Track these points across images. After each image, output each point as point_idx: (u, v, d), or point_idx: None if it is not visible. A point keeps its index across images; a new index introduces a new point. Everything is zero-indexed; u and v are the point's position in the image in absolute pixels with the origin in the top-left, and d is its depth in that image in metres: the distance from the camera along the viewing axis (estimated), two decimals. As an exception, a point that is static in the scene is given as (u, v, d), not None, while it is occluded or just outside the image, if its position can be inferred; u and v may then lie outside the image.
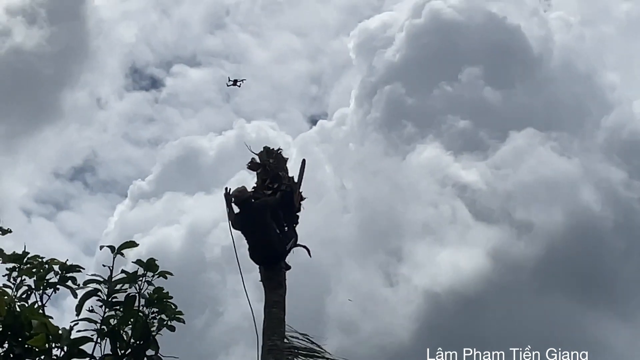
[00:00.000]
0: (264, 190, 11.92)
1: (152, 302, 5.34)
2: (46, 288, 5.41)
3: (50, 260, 5.42)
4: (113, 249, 5.34)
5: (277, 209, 11.67)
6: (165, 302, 5.37)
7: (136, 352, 5.33)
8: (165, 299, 5.37)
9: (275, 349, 10.31)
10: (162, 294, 5.36)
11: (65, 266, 5.42)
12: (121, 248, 5.34)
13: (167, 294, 5.38)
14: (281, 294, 10.98)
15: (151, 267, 5.31)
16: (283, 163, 12.34)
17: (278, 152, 12.43)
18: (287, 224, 11.80)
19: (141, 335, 5.30)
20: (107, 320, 5.28)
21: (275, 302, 10.84)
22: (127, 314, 5.26)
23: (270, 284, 11.04)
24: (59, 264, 5.42)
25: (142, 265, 5.33)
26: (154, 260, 5.34)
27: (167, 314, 5.39)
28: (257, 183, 12.13)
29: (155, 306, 5.36)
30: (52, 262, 5.41)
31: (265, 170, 12.17)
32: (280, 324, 10.63)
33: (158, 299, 5.34)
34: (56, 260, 5.42)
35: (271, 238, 11.28)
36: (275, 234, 11.37)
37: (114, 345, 5.31)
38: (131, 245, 5.36)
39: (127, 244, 5.35)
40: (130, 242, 5.36)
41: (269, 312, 10.73)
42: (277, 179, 12.03)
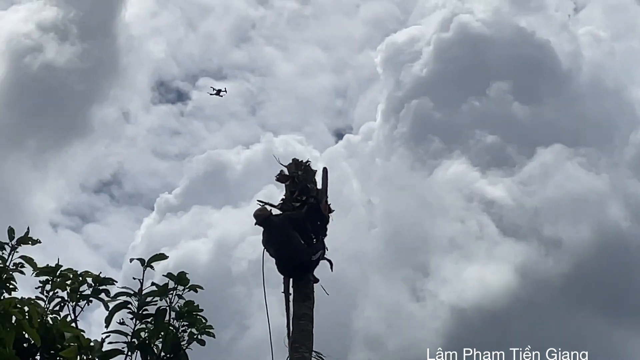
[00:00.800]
0: (292, 202, 11.94)
1: (183, 316, 5.36)
2: (79, 300, 5.45)
3: (84, 273, 5.46)
4: (143, 261, 5.38)
5: (304, 222, 11.67)
6: (196, 315, 5.39)
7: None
8: (195, 312, 5.39)
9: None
10: (192, 307, 5.38)
11: (99, 279, 5.46)
12: (151, 261, 5.38)
13: (197, 307, 5.40)
14: (309, 307, 10.98)
15: (182, 281, 5.34)
16: (311, 175, 12.35)
17: (306, 164, 12.45)
18: (315, 236, 11.80)
19: (171, 349, 5.33)
20: (138, 333, 5.31)
21: (304, 314, 10.84)
22: (157, 327, 5.30)
23: (299, 296, 11.05)
24: (92, 276, 5.46)
25: (173, 278, 5.36)
26: (185, 274, 5.36)
27: (197, 328, 5.40)
28: (286, 195, 12.15)
29: (186, 319, 5.38)
30: (86, 275, 5.45)
31: (294, 182, 12.19)
32: (308, 336, 10.62)
33: (188, 312, 5.37)
34: (90, 273, 5.47)
35: (295, 249, 11.30)
36: (300, 245, 11.39)
37: (145, 358, 5.34)
38: (161, 257, 5.40)
39: (156, 256, 5.39)
40: (160, 254, 5.40)
41: (297, 324, 10.73)
42: (306, 191, 12.04)
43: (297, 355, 10.37)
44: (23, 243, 5.53)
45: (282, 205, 12.03)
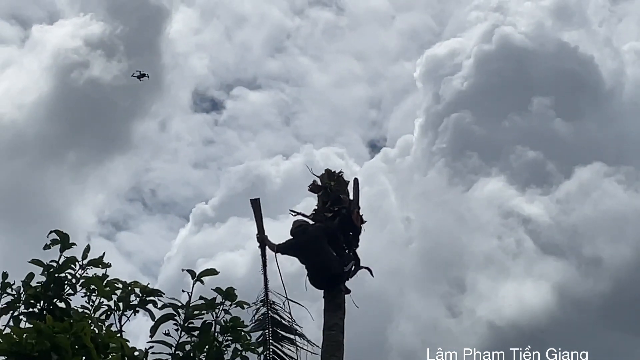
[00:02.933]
0: (325, 212, 11.98)
1: (228, 330, 5.41)
2: (126, 310, 5.53)
3: (133, 283, 5.52)
4: (194, 274, 5.43)
5: (336, 233, 11.72)
6: (240, 331, 5.46)
7: (209, 379, 5.43)
8: (240, 327, 5.45)
9: (333, 373, 10.35)
10: (237, 323, 5.43)
11: (147, 289, 5.52)
12: (202, 275, 5.42)
13: (242, 322, 5.45)
14: (340, 317, 10.99)
15: (230, 297, 5.40)
16: (344, 186, 12.38)
17: (339, 174, 12.49)
18: (347, 247, 11.85)
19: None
20: (182, 346, 5.35)
21: (334, 324, 10.86)
22: (203, 340, 5.34)
23: (330, 306, 11.09)
24: (140, 287, 5.52)
25: (221, 293, 5.42)
26: (233, 290, 5.42)
27: (241, 344, 5.47)
28: (318, 205, 12.19)
29: (230, 334, 5.44)
30: (135, 285, 5.52)
31: (327, 192, 12.22)
32: (339, 347, 10.64)
33: (233, 327, 5.42)
34: (138, 283, 5.52)
35: (328, 261, 11.34)
36: (332, 257, 11.42)
37: (188, 370, 5.42)
38: (212, 273, 5.45)
39: (207, 271, 5.43)
40: (211, 269, 5.44)
41: (328, 335, 10.75)
42: (338, 201, 12.08)
43: (328, 366, 10.42)
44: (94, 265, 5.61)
45: (315, 215, 12.06)
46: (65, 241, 5.54)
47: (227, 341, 5.45)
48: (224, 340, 5.44)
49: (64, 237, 5.53)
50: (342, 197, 12.14)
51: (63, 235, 5.54)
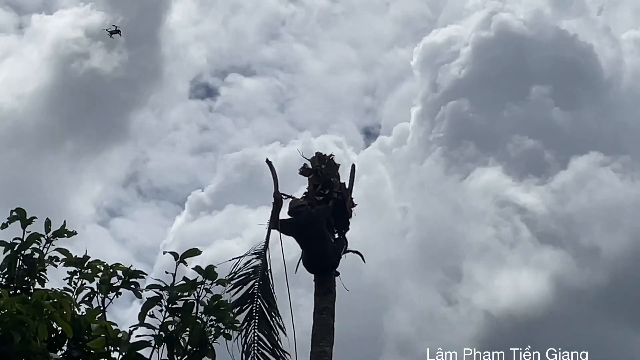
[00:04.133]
0: (315, 196, 11.97)
1: (211, 310, 5.39)
2: (108, 292, 5.48)
3: (115, 265, 5.49)
4: (176, 256, 5.39)
5: (329, 217, 11.71)
6: (224, 310, 5.41)
7: (193, 359, 5.39)
8: (223, 307, 5.41)
9: (324, 355, 10.33)
10: (220, 302, 5.39)
11: (129, 271, 5.48)
12: (184, 256, 5.39)
13: (225, 302, 5.41)
14: (330, 300, 11.00)
15: (210, 275, 5.35)
16: (335, 169, 12.38)
17: (330, 158, 12.48)
18: (338, 230, 11.83)
19: (198, 342, 5.33)
20: (166, 326, 5.32)
21: (325, 308, 10.87)
22: (185, 320, 5.31)
23: (320, 290, 11.07)
24: (122, 269, 5.48)
25: (202, 272, 5.37)
26: (213, 268, 5.38)
27: (224, 322, 5.42)
28: (309, 188, 12.18)
29: (213, 314, 5.40)
30: (117, 267, 5.48)
31: (317, 176, 12.22)
32: (329, 330, 10.65)
33: (216, 306, 5.39)
34: (120, 265, 5.49)
35: (327, 249, 11.32)
36: (330, 245, 11.40)
37: (171, 351, 5.36)
38: (194, 253, 5.40)
39: (190, 251, 5.39)
40: (194, 249, 5.40)
41: (318, 318, 10.76)
42: (329, 184, 12.07)
43: (319, 349, 10.39)
44: (59, 236, 5.57)
45: (305, 198, 12.05)
46: (24, 217, 5.47)
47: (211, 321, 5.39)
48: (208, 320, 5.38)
49: (21, 213, 5.46)
50: (333, 180, 12.11)
51: (21, 211, 5.47)
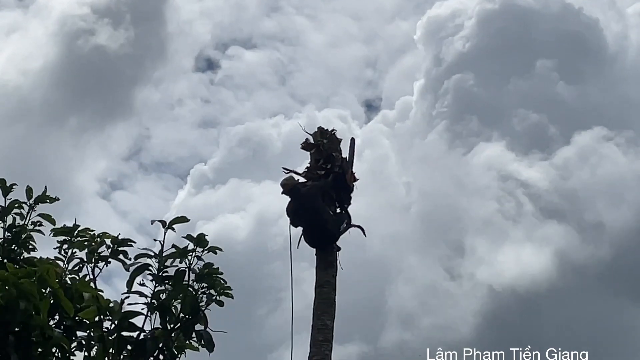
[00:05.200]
0: (317, 170, 11.91)
1: (202, 277, 5.34)
2: (98, 261, 5.44)
3: (102, 234, 5.45)
4: (164, 223, 5.36)
5: (330, 191, 11.65)
6: (215, 277, 5.37)
7: (185, 327, 5.37)
8: (214, 274, 5.36)
9: (325, 329, 10.31)
10: (211, 269, 5.35)
11: (117, 240, 5.45)
12: (172, 223, 5.35)
13: (217, 269, 5.37)
14: (332, 274, 10.97)
15: (201, 242, 5.32)
16: (337, 144, 12.29)
17: (332, 132, 12.39)
18: (339, 205, 11.78)
19: (190, 310, 5.32)
20: (157, 295, 5.31)
21: (326, 281, 10.84)
22: (177, 288, 5.29)
23: (322, 264, 11.04)
24: (110, 237, 5.45)
25: (192, 240, 5.34)
26: (204, 236, 5.35)
27: (215, 289, 5.38)
28: (311, 163, 12.12)
29: (205, 281, 5.36)
30: (104, 236, 5.45)
31: (319, 150, 12.14)
32: (331, 304, 10.62)
33: (208, 274, 5.34)
34: (108, 234, 5.46)
35: (324, 221, 11.28)
36: (328, 216, 11.37)
37: (164, 319, 5.35)
38: (182, 220, 5.37)
39: (178, 219, 5.37)
40: (182, 217, 5.37)
41: (320, 292, 10.73)
42: (331, 159, 12.00)
43: (320, 322, 10.37)
44: (41, 202, 5.54)
45: (307, 173, 12.00)
46: (4, 185, 5.43)
47: (203, 288, 5.36)
48: (200, 288, 5.34)
49: (1, 182, 5.41)
50: (335, 155, 12.04)
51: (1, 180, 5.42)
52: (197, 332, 5.40)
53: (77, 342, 5.37)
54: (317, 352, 10.08)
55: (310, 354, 10.16)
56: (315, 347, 10.13)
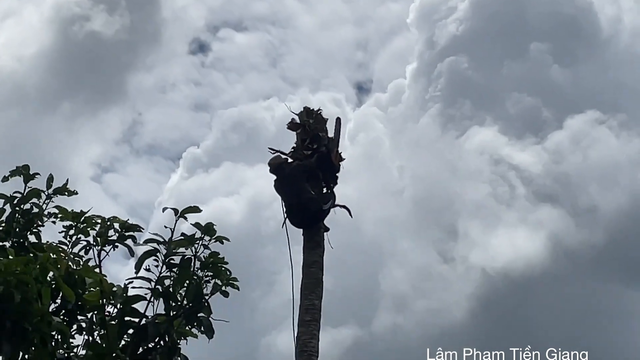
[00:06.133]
0: (304, 150, 11.92)
1: (207, 266, 5.37)
2: (105, 245, 5.46)
3: (112, 218, 5.45)
4: (176, 211, 5.37)
5: (315, 171, 11.68)
6: (220, 267, 5.39)
7: (188, 314, 5.41)
8: (220, 263, 5.39)
9: (313, 309, 10.38)
10: (217, 259, 5.37)
11: (126, 225, 5.44)
12: (184, 212, 5.37)
13: (222, 259, 5.39)
14: (319, 254, 11.00)
15: (209, 231, 5.34)
16: (323, 124, 12.29)
17: (318, 112, 12.40)
18: (326, 185, 11.82)
19: (194, 298, 5.35)
20: (162, 280, 5.33)
21: (314, 261, 10.87)
22: (182, 275, 5.32)
23: (309, 244, 11.10)
24: (119, 222, 5.44)
25: (200, 228, 5.36)
26: (212, 225, 5.37)
27: (221, 279, 5.41)
28: (297, 143, 12.12)
29: (210, 270, 5.38)
30: (114, 220, 5.44)
31: (305, 130, 12.14)
32: (318, 283, 10.67)
33: (213, 263, 5.37)
34: (117, 219, 5.45)
35: (305, 200, 11.32)
36: (309, 196, 11.40)
37: (167, 305, 5.38)
38: (195, 210, 5.38)
39: (190, 208, 5.38)
40: (194, 207, 5.37)
41: (307, 272, 10.76)
42: (317, 139, 12.01)
43: (307, 302, 10.44)
44: (59, 193, 5.56)
45: (293, 153, 12.02)
46: (28, 173, 5.45)
47: (208, 277, 5.40)
48: (204, 276, 5.39)
49: (26, 168, 5.44)
50: (321, 135, 12.06)
51: (26, 167, 5.45)
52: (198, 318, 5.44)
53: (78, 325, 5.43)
54: (305, 331, 10.12)
55: (298, 334, 10.21)
56: (303, 327, 10.18)
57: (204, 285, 5.39)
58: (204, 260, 5.37)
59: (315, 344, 10.06)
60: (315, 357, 9.99)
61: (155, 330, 5.32)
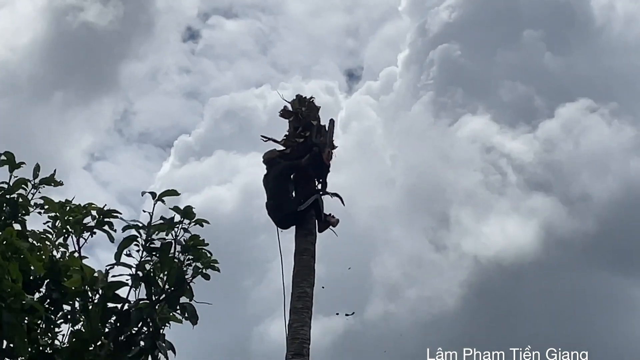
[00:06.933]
0: (296, 138, 11.89)
1: (188, 249, 5.35)
2: (82, 232, 5.43)
3: (88, 205, 5.43)
4: (154, 195, 5.35)
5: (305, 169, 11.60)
6: (201, 249, 5.38)
7: (170, 298, 5.38)
8: (200, 246, 5.37)
9: (305, 296, 10.37)
10: (197, 241, 5.35)
11: (103, 211, 5.42)
12: (162, 195, 5.35)
13: (202, 241, 5.37)
14: (311, 242, 10.99)
15: (188, 215, 5.31)
16: (315, 111, 12.27)
17: (310, 100, 12.38)
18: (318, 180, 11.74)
19: (176, 282, 5.33)
20: (143, 266, 5.31)
21: (305, 249, 10.86)
22: (162, 260, 5.29)
23: (301, 232, 11.07)
24: (96, 208, 5.42)
25: (179, 212, 5.34)
26: (191, 208, 5.34)
27: (202, 262, 5.39)
28: (289, 131, 12.11)
29: (191, 253, 5.37)
30: (90, 207, 5.42)
31: (297, 118, 12.13)
32: (309, 271, 10.66)
33: (194, 246, 5.35)
34: (94, 205, 5.42)
35: (281, 202, 11.25)
36: (286, 198, 11.31)
37: (149, 290, 5.36)
38: (172, 193, 5.37)
39: (168, 192, 5.36)
40: (172, 190, 5.37)
41: (299, 260, 10.76)
42: (309, 127, 11.98)
43: (299, 290, 10.43)
44: (46, 184, 5.54)
45: (286, 141, 11.99)
46: (13, 161, 5.41)
47: (189, 260, 5.37)
48: (185, 260, 5.36)
49: (10, 156, 5.40)
50: (314, 123, 12.02)
51: (9, 155, 5.41)
52: (182, 304, 5.42)
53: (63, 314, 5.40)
54: (297, 319, 10.12)
55: (289, 321, 10.21)
56: (295, 315, 10.19)
57: (185, 268, 5.35)
58: (185, 244, 5.33)
59: (307, 332, 10.07)
60: (307, 345, 10.00)
61: (137, 316, 5.31)
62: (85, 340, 5.26)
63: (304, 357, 9.90)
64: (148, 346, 5.37)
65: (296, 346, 9.92)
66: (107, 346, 5.30)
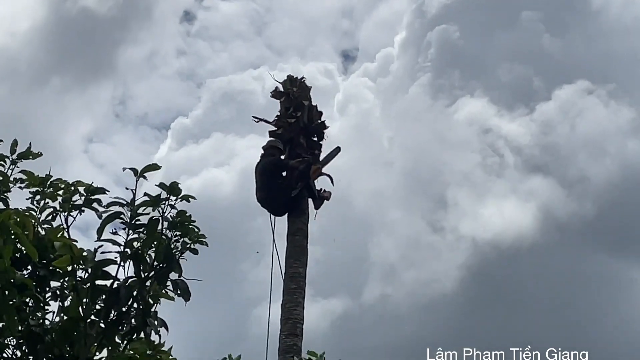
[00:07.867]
0: (287, 118, 11.86)
1: (175, 225, 5.33)
2: (71, 210, 5.40)
3: (76, 183, 5.40)
4: (136, 171, 5.32)
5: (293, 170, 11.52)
6: (188, 225, 5.36)
7: (159, 275, 5.37)
8: (188, 222, 5.35)
9: (298, 277, 10.36)
10: (184, 217, 5.34)
11: (91, 188, 5.39)
12: (144, 171, 5.31)
13: (189, 217, 5.36)
14: (304, 222, 10.98)
15: (174, 191, 5.29)
16: (306, 92, 12.25)
17: (302, 80, 12.35)
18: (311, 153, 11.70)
19: (164, 258, 5.32)
20: (131, 243, 5.30)
21: (298, 229, 10.85)
22: (150, 237, 5.28)
23: (294, 212, 11.05)
24: (84, 186, 5.40)
25: (165, 188, 5.31)
26: (177, 184, 5.32)
27: (190, 237, 5.38)
28: (281, 111, 12.08)
29: (178, 229, 5.35)
30: (78, 185, 5.39)
31: (289, 98, 12.10)
32: (302, 251, 10.65)
33: (181, 222, 5.33)
34: (81, 183, 5.40)
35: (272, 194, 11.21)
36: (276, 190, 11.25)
37: (137, 267, 5.35)
38: (154, 168, 5.34)
39: (149, 166, 5.33)
40: (153, 165, 5.34)
41: (292, 240, 10.75)
42: (300, 107, 11.96)
43: (292, 270, 10.42)
44: (24, 158, 5.51)
45: (277, 121, 11.97)
46: None
47: (177, 236, 5.36)
48: (173, 236, 5.34)
49: None
50: (305, 103, 11.99)
51: None
52: (173, 281, 5.42)
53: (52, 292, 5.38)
54: (290, 299, 10.13)
55: (283, 302, 10.21)
56: (288, 295, 10.19)
57: (173, 244, 5.33)
58: (172, 220, 5.31)
59: (300, 312, 10.06)
60: (301, 325, 10.00)
61: (127, 293, 5.30)
62: (75, 318, 5.25)
63: (297, 336, 9.90)
64: (139, 323, 5.37)
65: (289, 326, 9.93)
66: (97, 324, 5.30)
